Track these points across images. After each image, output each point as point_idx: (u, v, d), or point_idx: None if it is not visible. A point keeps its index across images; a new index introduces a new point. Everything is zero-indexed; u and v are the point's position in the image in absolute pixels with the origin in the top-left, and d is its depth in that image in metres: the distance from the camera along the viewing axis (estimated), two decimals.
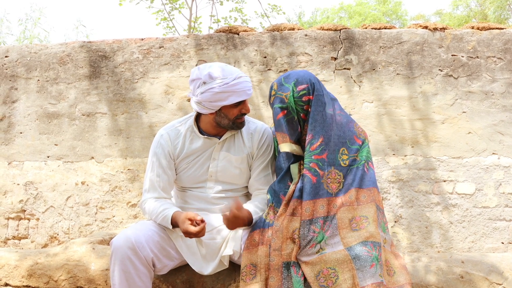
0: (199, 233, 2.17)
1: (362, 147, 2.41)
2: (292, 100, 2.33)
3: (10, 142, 4.39)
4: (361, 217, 2.24)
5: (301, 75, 2.38)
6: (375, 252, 2.10)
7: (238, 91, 2.34)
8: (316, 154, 2.30)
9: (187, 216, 2.20)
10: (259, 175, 2.51)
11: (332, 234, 2.21)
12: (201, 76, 2.34)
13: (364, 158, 2.38)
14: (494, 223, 3.79)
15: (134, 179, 4.17)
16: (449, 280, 2.32)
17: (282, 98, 2.34)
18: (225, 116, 2.40)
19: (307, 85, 2.34)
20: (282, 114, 2.35)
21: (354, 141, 2.40)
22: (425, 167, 3.87)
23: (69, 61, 4.35)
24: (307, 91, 2.34)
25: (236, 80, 2.33)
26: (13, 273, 2.74)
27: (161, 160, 2.47)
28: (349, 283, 2.06)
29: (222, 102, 2.33)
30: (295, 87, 2.34)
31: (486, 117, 3.85)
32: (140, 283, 2.21)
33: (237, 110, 2.40)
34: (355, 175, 2.34)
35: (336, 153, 2.35)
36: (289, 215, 2.25)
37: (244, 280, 2.20)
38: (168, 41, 4.25)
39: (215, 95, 2.32)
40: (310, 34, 4.06)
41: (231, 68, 2.39)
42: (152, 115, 4.19)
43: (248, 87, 2.38)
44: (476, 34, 3.92)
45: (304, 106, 2.35)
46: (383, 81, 3.96)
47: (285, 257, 2.18)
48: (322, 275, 2.10)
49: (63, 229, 4.26)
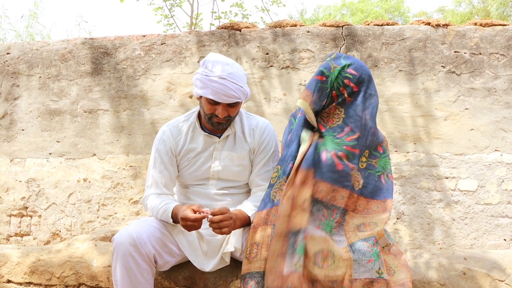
0: (196, 221, 2.13)
1: (382, 156, 2.40)
2: (336, 74, 2.32)
3: (12, 139, 4.39)
4: (370, 223, 2.24)
5: (360, 65, 2.37)
6: (376, 249, 2.10)
7: (214, 90, 2.29)
8: (349, 146, 2.28)
9: (191, 206, 2.18)
10: (260, 171, 2.51)
11: (338, 233, 2.21)
12: (204, 60, 2.37)
13: (381, 169, 2.37)
14: (497, 220, 3.78)
15: (136, 176, 4.17)
16: (451, 277, 2.32)
17: (330, 66, 2.34)
18: (201, 108, 2.42)
19: (358, 74, 2.33)
20: (320, 78, 2.34)
21: (376, 148, 2.40)
22: (427, 164, 3.86)
23: (70, 58, 4.34)
24: (354, 79, 2.32)
25: (219, 79, 2.29)
26: (15, 270, 2.74)
27: (163, 156, 2.47)
28: (343, 271, 2.05)
29: (199, 90, 2.35)
30: (347, 67, 2.33)
31: (488, 114, 3.83)
32: (142, 280, 2.21)
33: (210, 107, 2.36)
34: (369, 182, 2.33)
35: (361, 153, 2.34)
36: (300, 183, 2.22)
37: (248, 258, 2.20)
38: (170, 37, 4.24)
39: (197, 80, 2.35)
40: (312, 31, 4.05)
41: (226, 66, 2.34)
42: (154, 112, 4.19)
43: (228, 94, 2.30)
44: (479, 30, 3.90)
45: (341, 87, 2.32)
46: (385, 78, 3.95)
47: (294, 225, 2.16)
48: (322, 255, 2.10)
49: (65, 226, 4.26)
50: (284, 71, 4.05)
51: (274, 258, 2.11)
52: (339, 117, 2.36)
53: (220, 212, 2.15)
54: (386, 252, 2.26)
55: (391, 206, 2.32)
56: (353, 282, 2.05)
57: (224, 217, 2.15)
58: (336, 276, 2.06)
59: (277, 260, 2.11)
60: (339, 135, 2.31)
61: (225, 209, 2.17)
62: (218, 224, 2.14)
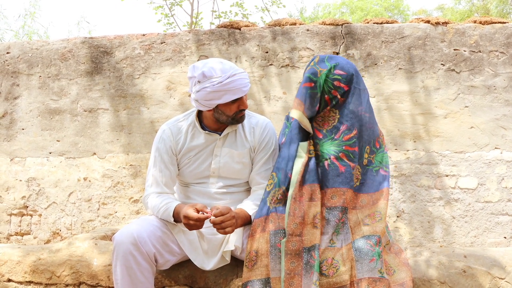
0: (198, 220, 2.13)
1: (379, 151, 2.41)
2: (323, 78, 2.32)
3: (12, 138, 4.39)
4: (375, 212, 2.25)
5: (345, 63, 2.37)
6: (378, 248, 2.11)
7: (233, 89, 2.29)
8: (348, 145, 2.30)
9: (194, 205, 2.18)
10: (260, 169, 2.50)
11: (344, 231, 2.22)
12: (195, 74, 2.31)
13: (378, 164, 2.39)
14: (497, 218, 3.78)
15: (136, 174, 4.17)
16: (451, 275, 2.32)
17: (315, 71, 2.34)
18: (222, 113, 2.38)
19: (345, 73, 2.34)
20: (308, 85, 2.34)
21: (375, 144, 2.41)
22: (427, 161, 3.87)
23: (70, 57, 4.34)
24: (343, 79, 2.33)
25: (230, 78, 2.28)
26: (16, 269, 2.74)
27: (163, 155, 2.47)
28: (348, 274, 2.07)
29: (217, 101, 2.30)
30: (333, 69, 2.33)
31: (488, 112, 3.83)
32: (142, 279, 2.21)
33: (234, 106, 2.36)
34: (367, 177, 2.36)
35: (363, 150, 2.35)
36: (308, 201, 2.24)
37: (247, 266, 2.20)
38: (169, 36, 4.24)
39: (209, 94, 2.29)
40: (312, 29, 4.05)
41: (226, 65, 2.33)
42: (153, 111, 4.19)
43: (244, 84, 2.32)
44: (478, 28, 3.90)
45: (332, 90, 2.33)
46: (385, 76, 3.95)
47: (307, 243, 2.17)
48: (326, 263, 2.11)
49: (65, 225, 4.26)
50: (283, 70, 4.05)
51: (290, 279, 2.13)
52: (334, 118, 2.37)
53: (221, 213, 2.15)
54: (387, 251, 2.26)
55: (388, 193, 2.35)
56: (358, 283, 2.05)
57: (226, 218, 2.14)
58: (345, 281, 2.07)
59: (293, 281, 2.13)
60: (336, 136, 2.32)
61: (226, 210, 2.17)
62: (220, 225, 2.14)
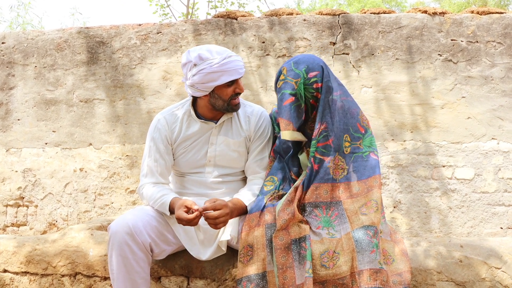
0: (192, 221, 2.13)
1: (365, 136, 2.40)
2: (302, 88, 2.31)
3: (8, 129, 4.37)
4: (371, 201, 2.24)
5: (311, 61, 2.34)
6: (376, 240, 2.11)
7: (229, 70, 2.33)
8: (320, 142, 2.30)
9: (184, 203, 2.18)
10: (256, 158, 2.51)
11: (341, 222, 2.21)
12: (191, 58, 2.34)
13: (367, 148, 2.38)
14: (493, 208, 3.79)
15: (132, 165, 4.16)
16: (448, 264, 2.32)
17: (292, 85, 2.31)
18: (219, 97, 2.39)
19: (318, 72, 2.32)
20: (290, 101, 2.32)
21: (357, 129, 2.39)
22: (424, 152, 3.86)
23: (66, 47, 4.32)
24: (318, 78, 2.32)
25: (226, 59, 2.32)
26: (11, 260, 2.73)
27: (158, 145, 2.46)
28: (348, 265, 2.07)
29: (214, 83, 2.33)
30: (306, 74, 2.31)
31: (485, 102, 3.83)
32: (138, 268, 2.21)
33: (230, 90, 2.39)
34: (359, 164, 2.34)
35: (341, 139, 2.34)
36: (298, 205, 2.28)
37: (242, 261, 2.20)
38: (165, 26, 4.22)
39: (206, 75, 2.31)
40: (309, 19, 4.03)
41: (220, 48, 2.37)
42: (150, 101, 4.17)
43: (240, 66, 2.37)
44: (475, 18, 3.89)
45: (314, 93, 2.33)
46: (382, 66, 3.93)
47: (294, 235, 2.17)
48: (327, 255, 2.11)
49: (61, 215, 4.25)
50: (280, 60, 4.04)
51: (283, 273, 2.13)
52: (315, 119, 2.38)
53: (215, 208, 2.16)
54: (387, 240, 2.26)
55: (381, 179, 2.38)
56: (359, 274, 2.05)
57: (221, 213, 2.16)
58: (344, 272, 2.07)
59: (286, 274, 2.13)
60: (313, 136, 2.32)
61: (220, 205, 2.17)
62: (214, 220, 2.15)
